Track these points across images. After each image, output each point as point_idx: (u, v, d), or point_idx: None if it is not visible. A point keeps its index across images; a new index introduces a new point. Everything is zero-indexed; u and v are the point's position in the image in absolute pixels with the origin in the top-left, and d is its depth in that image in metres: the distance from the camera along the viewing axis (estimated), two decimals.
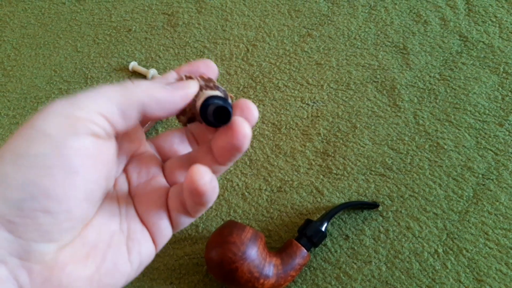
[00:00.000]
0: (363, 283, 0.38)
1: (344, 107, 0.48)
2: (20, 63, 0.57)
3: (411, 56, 0.50)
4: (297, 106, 0.48)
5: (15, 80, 0.56)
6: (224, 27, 0.56)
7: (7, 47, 0.59)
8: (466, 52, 0.49)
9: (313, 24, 0.54)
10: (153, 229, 0.23)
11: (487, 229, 0.40)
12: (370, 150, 0.45)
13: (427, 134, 0.45)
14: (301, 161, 0.45)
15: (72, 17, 0.61)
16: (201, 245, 0.41)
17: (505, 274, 0.37)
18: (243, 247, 0.35)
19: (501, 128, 0.44)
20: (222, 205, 0.43)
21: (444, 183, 0.42)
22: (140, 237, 0.23)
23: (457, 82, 0.48)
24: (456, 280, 0.38)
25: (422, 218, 0.41)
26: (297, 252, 0.37)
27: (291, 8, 0.56)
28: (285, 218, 0.42)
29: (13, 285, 0.18)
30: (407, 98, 0.47)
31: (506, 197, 0.41)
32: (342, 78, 0.50)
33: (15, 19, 0.62)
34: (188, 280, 0.40)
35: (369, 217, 0.41)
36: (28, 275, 0.19)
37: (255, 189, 0.44)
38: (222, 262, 0.35)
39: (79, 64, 0.56)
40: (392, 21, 0.53)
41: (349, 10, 0.55)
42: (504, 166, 0.42)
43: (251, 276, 0.35)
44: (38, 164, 0.18)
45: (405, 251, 0.39)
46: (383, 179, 0.43)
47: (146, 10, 0.60)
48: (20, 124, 0.52)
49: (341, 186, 0.43)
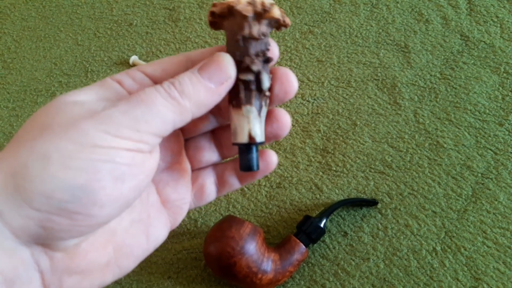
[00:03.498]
0: (361, 279, 0.38)
1: (344, 105, 0.48)
2: (20, 56, 0.57)
3: (412, 55, 0.50)
4: (297, 103, 0.48)
5: (15, 72, 0.56)
6: None
7: (8, 39, 0.59)
8: (467, 51, 0.49)
9: (314, 21, 0.54)
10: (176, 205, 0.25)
11: (486, 228, 0.40)
12: (370, 147, 0.45)
13: (427, 133, 0.45)
14: (301, 157, 0.45)
15: (73, 10, 0.61)
16: (199, 239, 0.41)
17: (503, 272, 0.38)
18: (242, 242, 0.35)
19: (501, 128, 0.44)
20: (221, 200, 0.43)
21: (443, 182, 0.42)
22: (157, 223, 0.24)
23: (458, 81, 0.48)
24: (454, 278, 0.38)
25: (421, 216, 0.41)
26: (296, 248, 0.37)
27: (293, 5, 0.56)
28: (284, 214, 0.42)
29: (34, 269, 0.19)
30: (408, 97, 0.47)
31: (505, 196, 0.41)
32: (343, 76, 0.50)
33: (16, 12, 0.62)
34: (186, 274, 0.40)
35: (368, 214, 0.41)
36: (50, 261, 0.19)
37: (254, 184, 0.44)
38: (221, 257, 0.35)
39: (79, 57, 0.56)
40: (393, 19, 0.53)
41: (351, 8, 0.55)
42: (503, 165, 0.42)
43: (249, 271, 0.35)
44: (88, 169, 0.18)
45: (403, 249, 0.39)
46: (382, 176, 0.43)
47: (147, 4, 0.59)
48: (20, 117, 0.52)
49: (340, 183, 0.43)
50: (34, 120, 0.19)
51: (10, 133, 0.50)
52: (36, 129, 0.19)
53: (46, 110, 0.20)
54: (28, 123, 0.19)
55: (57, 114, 0.19)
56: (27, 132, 0.19)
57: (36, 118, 0.19)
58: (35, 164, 0.17)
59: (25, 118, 0.51)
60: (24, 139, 0.18)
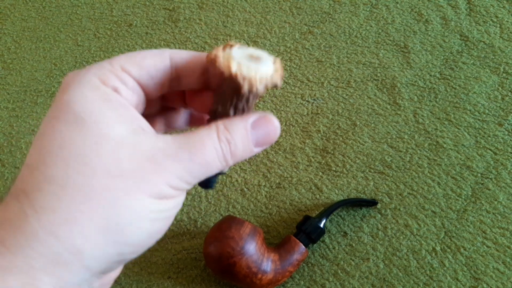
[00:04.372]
0: (361, 279, 0.38)
1: (344, 105, 0.48)
2: (20, 56, 0.57)
3: (411, 55, 0.50)
4: (297, 103, 0.48)
5: (15, 73, 0.56)
6: (225, 23, 0.56)
7: (8, 40, 0.59)
8: (466, 51, 0.49)
9: (314, 22, 0.54)
10: None
11: (485, 228, 0.40)
12: (370, 147, 0.45)
13: (426, 133, 0.45)
14: (301, 157, 0.45)
15: (73, 10, 0.61)
16: (199, 240, 0.41)
17: (503, 272, 0.38)
18: (242, 242, 0.35)
19: (500, 128, 0.44)
20: (221, 201, 0.43)
21: (443, 182, 0.42)
22: None
23: (457, 81, 0.48)
24: (454, 278, 0.38)
25: (421, 216, 0.41)
26: (295, 248, 0.37)
27: (292, 5, 0.56)
28: (284, 214, 0.42)
29: None
30: (407, 97, 0.47)
31: (505, 196, 0.41)
32: (343, 76, 0.50)
33: (16, 12, 0.62)
34: (186, 274, 0.40)
35: (368, 214, 0.41)
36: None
37: (254, 185, 0.44)
38: (221, 257, 0.35)
39: (79, 58, 0.56)
40: (393, 19, 0.53)
41: (351, 8, 0.55)
42: (503, 165, 0.42)
43: (249, 271, 0.35)
44: (130, 242, 0.18)
45: (403, 249, 0.39)
46: (382, 176, 0.43)
47: (147, 5, 0.59)
48: (20, 117, 0.52)
49: (340, 183, 0.43)
50: (79, 155, 0.18)
51: (10, 134, 0.50)
52: (90, 171, 0.18)
53: (85, 142, 0.18)
54: (70, 154, 0.18)
55: (106, 157, 0.18)
56: (81, 175, 0.18)
57: (80, 152, 0.18)
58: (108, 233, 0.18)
59: (25, 119, 0.51)
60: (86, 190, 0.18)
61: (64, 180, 0.17)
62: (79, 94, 0.19)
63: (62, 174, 0.17)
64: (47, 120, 0.19)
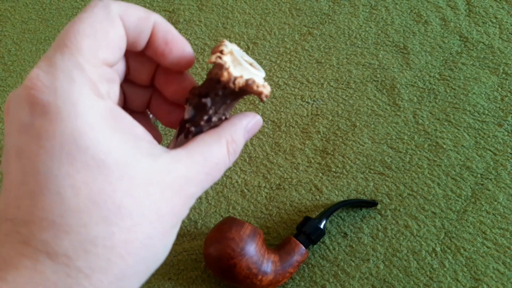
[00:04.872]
0: (361, 280, 0.38)
1: (344, 106, 0.48)
2: (20, 58, 0.57)
3: (411, 56, 0.50)
4: (297, 104, 0.49)
5: (16, 75, 0.56)
6: (225, 25, 0.56)
7: (8, 42, 0.59)
8: (466, 52, 0.50)
9: (314, 23, 0.55)
10: None
11: (485, 229, 0.40)
12: (369, 148, 0.45)
13: (426, 134, 0.45)
14: (301, 159, 0.45)
15: (73, 13, 0.61)
16: (199, 241, 0.42)
17: (503, 273, 0.38)
18: (242, 243, 0.35)
19: (500, 129, 0.44)
20: (221, 202, 0.43)
21: (443, 182, 0.42)
22: None
23: (457, 82, 0.48)
24: (454, 279, 0.38)
25: (421, 216, 0.41)
26: (295, 249, 0.37)
27: (292, 6, 0.56)
28: (284, 215, 0.42)
29: None
30: (407, 98, 0.47)
31: (504, 197, 0.41)
32: (342, 77, 0.50)
33: (16, 14, 0.62)
34: (186, 275, 0.40)
35: (368, 215, 0.41)
36: None
37: (254, 186, 0.44)
38: (221, 258, 0.35)
39: None
40: (392, 20, 0.53)
41: (350, 9, 0.55)
42: (502, 166, 0.42)
43: (249, 272, 0.35)
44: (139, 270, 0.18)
45: (403, 250, 0.39)
46: (382, 177, 0.43)
47: (147, 6, 0.60)
48: None
49: (340, 184, 0.43)
50: (117, 207, 0.16)
51: None
52: (130, 222, 0.17)
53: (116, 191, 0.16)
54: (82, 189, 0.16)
55: (141, 204, 0.17)
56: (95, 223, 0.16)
57: (115, 203, 0.16)
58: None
59: None
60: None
61: (108, 239, 0.16)
62: (83, 123, 0.16)
63: (105, 232, 0.16)
64: (49, 159, 0.16)
